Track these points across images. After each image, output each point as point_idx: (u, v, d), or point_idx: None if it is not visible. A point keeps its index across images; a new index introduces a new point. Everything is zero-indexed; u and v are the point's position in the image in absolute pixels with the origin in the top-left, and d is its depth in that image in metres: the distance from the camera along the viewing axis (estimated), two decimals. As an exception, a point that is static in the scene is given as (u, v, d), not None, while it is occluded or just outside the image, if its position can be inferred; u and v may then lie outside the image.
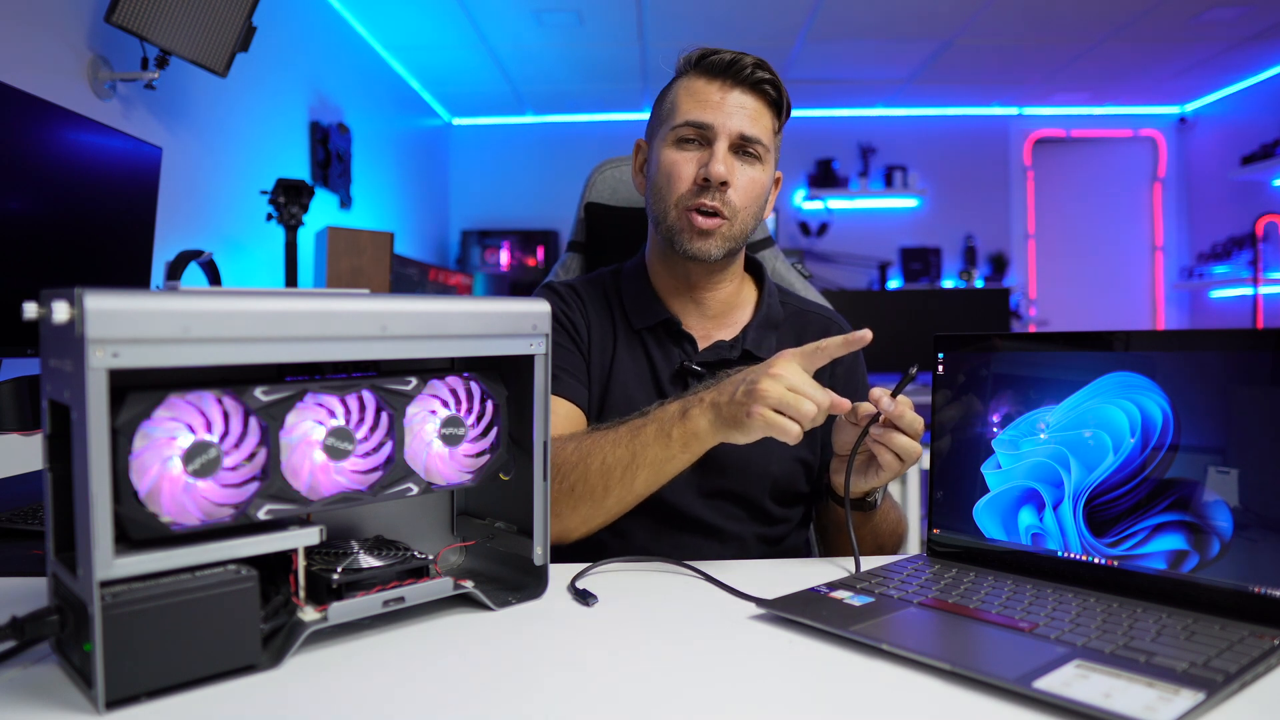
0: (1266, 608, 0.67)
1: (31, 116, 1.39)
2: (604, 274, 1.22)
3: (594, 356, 1.13)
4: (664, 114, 1.10)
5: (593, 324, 1.15)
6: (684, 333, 1.12)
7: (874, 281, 5.63)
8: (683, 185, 1.06)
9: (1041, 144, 5.79)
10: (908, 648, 0.63)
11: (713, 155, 1.03)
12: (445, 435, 0.72)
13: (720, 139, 1.04)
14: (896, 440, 0.88)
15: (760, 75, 1.05)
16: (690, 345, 1.12)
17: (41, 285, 0.57)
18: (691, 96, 1.06)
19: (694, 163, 1.05)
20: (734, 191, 1.05)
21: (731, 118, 1.04)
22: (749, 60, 1.05)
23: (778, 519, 1.11)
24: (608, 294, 1.18)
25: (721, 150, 1.04)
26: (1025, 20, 4.07)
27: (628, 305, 1.15)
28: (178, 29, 2.20)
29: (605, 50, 4.44)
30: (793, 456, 1.09)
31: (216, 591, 0.59)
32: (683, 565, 0.88)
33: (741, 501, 1.08)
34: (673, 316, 1.12)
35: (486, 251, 5.49)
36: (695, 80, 1.07)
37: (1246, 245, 4.84)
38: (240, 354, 0.58)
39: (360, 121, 4.01)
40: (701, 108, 1.05)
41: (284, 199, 2.64)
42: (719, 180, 1.03)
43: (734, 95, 1.05)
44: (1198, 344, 0.74)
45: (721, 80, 1.05)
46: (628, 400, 1.10)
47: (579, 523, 0.94)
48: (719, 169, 1.03)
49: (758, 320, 1.14)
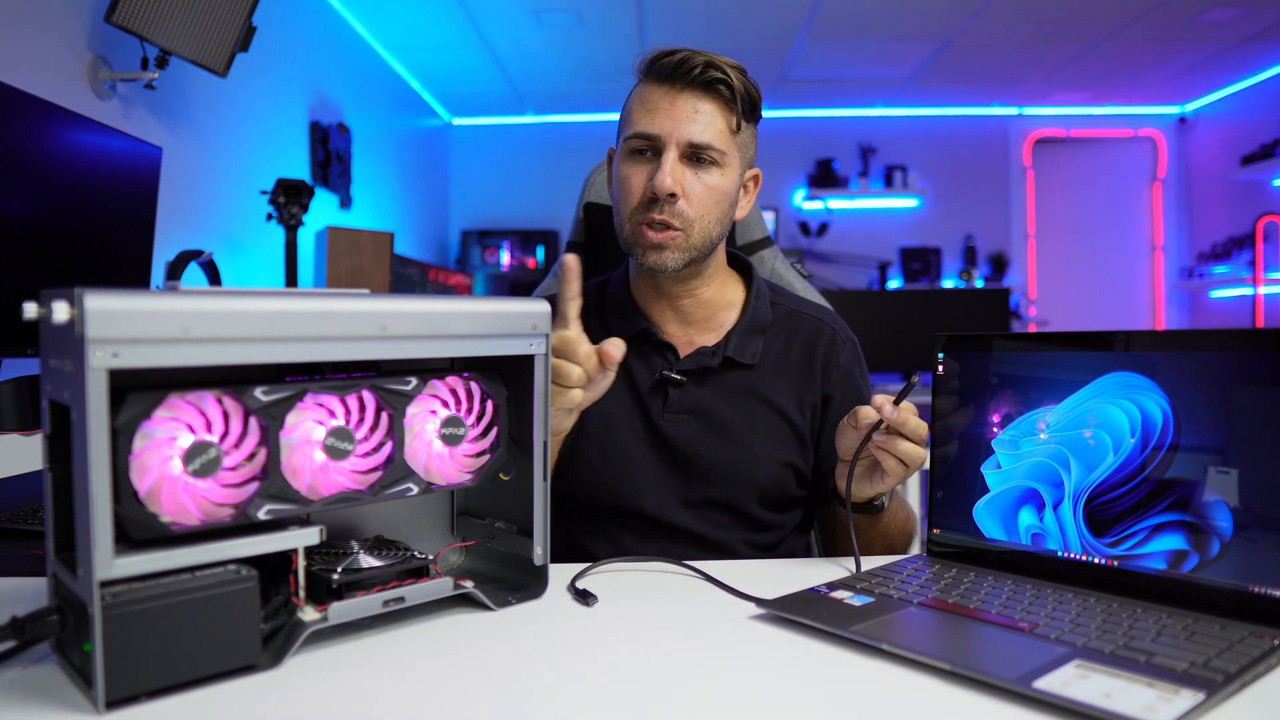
0: (1266, 608, 0.67)
1: (31, 116, 1.39)
2: (589, 287, 1.19)
3: None
4: (621, 122, 1.08)
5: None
6: (664, 341, 1.10)
7: (874, 281, 5.63)
8: (633, 199, 1.03)
9: (1041, 144, 5.79)
10: (908, 648, 0.63)
11: (659, 167, 1.00)
12: (445, 435, 0.72)
13: (669, 148, 1.00)
14: (900, 446, 0.88)
15: (711, 75, 1.00)
16: (671, 354, 1.10)
17: (41, 285, 0.57)
18: (642, 104, 1.03)
19: (643, 175, 1.02)
20: (685, 202, 1.01)
21: (680, 125, 1.00)
22: (698, 60, 1.00)
23: (768, 525, 1.10)
24: (592, 307, 1.15)
25: (669, 161, 1.00)
26: (1025, 20, 4.08)
27: (609, 318, 1.14)
28: (178, 29, 2.20)
29: (605, 50, 4.44)
30: (780, 461, 1.08)
31: (216, 591, 0.59)
32: (683, 565, 0.88)
33: (727, 509, 1.07)
34: (651, 326, 1.10)
35: (486, 251, 5.49)
36: (646, 86, 1.04)
37: (1246, 245, 4.84)
38: (240, 354, 0.58)
39: (360, 121, 4.01)
40: (650, 116, 1.02)
41: (284, 199, 2.64)
42: (665, 193, 1.00)
43: (684, 99, 1.01)
44: (1198, 344, 0.74)
45: (669, 84, 1.01)
46: (603, 416, 1.08)
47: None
48: (665, 182, 0.99)
49: (742, 325, 1.11)
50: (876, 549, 1.04)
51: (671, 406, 1.08)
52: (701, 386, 1.09)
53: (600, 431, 1.08)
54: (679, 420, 1.07)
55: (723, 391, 1.09)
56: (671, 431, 1.07)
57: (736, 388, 1.09)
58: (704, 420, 1.08)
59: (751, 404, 1.09)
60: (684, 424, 1.07)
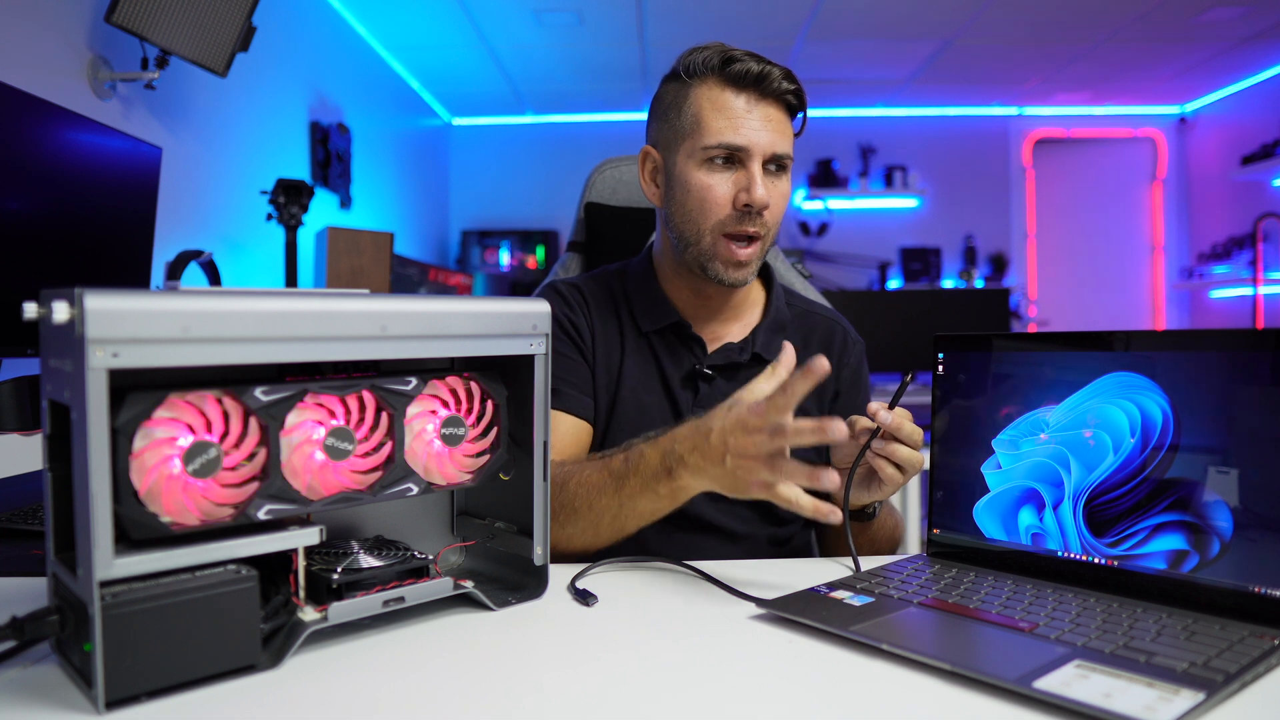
0: (1266, 608, 0.67)
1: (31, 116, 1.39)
2: (609, 273, 1.19)
3: (599, 360, 1.11)
4: (685, 126, 1.03)
5: (597, 326, 1.12)
6: (693, 335, 1.10)
7: (874, 281, 5.63)
8: (720, 211, 1.02)
9: (1041, 144, 5.79)
10: (908, 648, 0.63)
11: (752, 179, 0.99)
12: (445, 435, 0.72)
13: (755, 160, 1.00)
14: (898, 452, 0.87)
15: (786, 86, 1.01)
16: (699, 348, 1.10)
17: (41, 285, 0.57)
18: (720, 112, 1.00)
19: (729, 184, 1.01)
20: (769, 211, 1.02)
21: (764, 136, 1.00)
22: (777, 72, 1.00)
23: (787, 519, 1.11)
24: (614, 295, 1.15)
25: (758, 172, 1.00)
26: (1025, 20, 4.07)
27: (635, 307, 1.13)
28: (178, 29, 2.20)
29: (605, 50, 4.43)
30: (803, 457, 1.08)
31: (216, 591, 0.59)
32: (683, 566, 0.88)
33: (753, 504, 1.07)
34: (682, 319, 1.10)
35: (486, 251, 5.49)
36: (720, 92, 1.01)
37: (1246, 245, 4.84)
38: (240, 354, 0.58)
39: (360, 121, 4.01)
40: (734, 127, 1.00)
41: (284, 199, 2.64)
42: (762, 206, 1.00)
43: (762, 109, 1.00)
44: (1198, 344, 0.74)
45: (749, 93, 1.00)
46: (638, 405, 1.08)
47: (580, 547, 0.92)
48: (761, 194, 0.99)
49: (767, 322, 1.12)
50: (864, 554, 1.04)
51: (702, 401, 1.08)
52: (731, 382, 1.09)
53: (635, 419, 1.08)
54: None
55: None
56: None
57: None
58: None
59: None
60: None
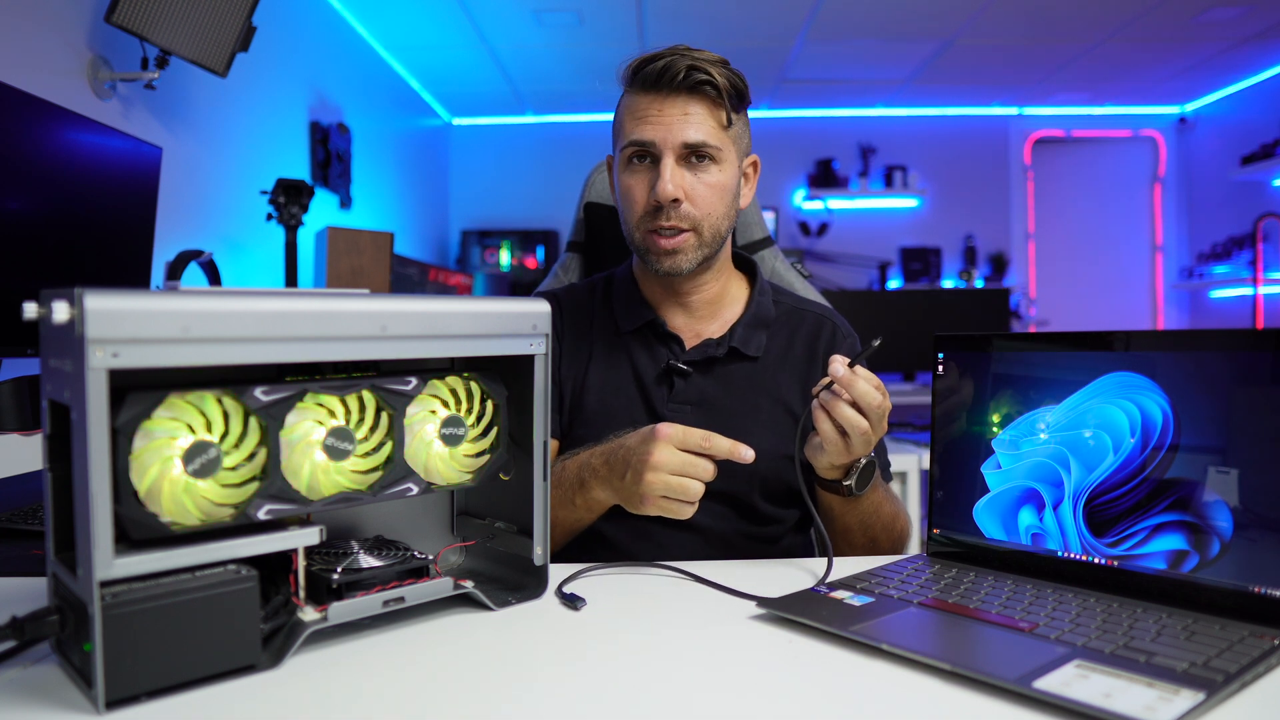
0: (1266, 608, 0.67)
1: (31, 116, 1.39)
2: (597, 280, 1.22)
3: (564, 369, 1.15)
4: (615, 134, 1.09)
5: (566, 335, 1.16)
6: (670, 333, 1.12)
7: (874, 281, 5.63)
8: (638, 208, 1.05)
9: (1041, 144, 5.79)
10: (908, 648, 0.63)
11: (660, 174, 1.01)
12: (445, 435, 0.72)
13: (665, 154, 1.02)
14: (841, 410, 0.88)
15: (695, 78, 1.01)
16: (677, 345, 1.12)
17: (41, 285, 0.57)
18: (632, 114, 1.04)
19: (644, 184, 1.04)
20: (690, 204, 1.03)
21: (672, 129, 1.01)
22: (681, 65, 1.01)
23: (768, 518, 1.10)
24: (594, 301, 1.19)
25: (668, 167, 1.01)
26: (1025, 20, 4.07)
27: (617, 310, 1.16)
28: (178, 29, 2.20)
29: (605, 50, 4.43)
30: (782, 454, 1.08)
31: (216, 591, 0.59)
32: (680, 570, 0.88)
33: (728, 500, 1.07)
34: (658, 317, 1.13)
35: (486, 251, 5.49)
36: (634, 96, 1.05)
37: (1246, 245, 4.84)
38: (240, 354, 0.58)
39: (360, 121, 4.01)
40: (641, 125, 1.03)
41: (284, 199, 2.64)
42: (668, 200, 1.01)
43: (672, 104, 1.02)
44: (1198, 344, 0.74)
45: (655, 92, 1.02)
46: (603, 408, 1.11)
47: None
48: (667, 189, 1.01)
49: (746, 318, 1.14)
50: (857, 538, 1.04)
51: (676, 396, 1.10)
52: (706, 378, 1.11)
53: (600, 423, 1.09)
54: (682, 411, 1.09)
55: (727, 383, 1.11)
56: (675, 421, 1.07)
57: (740, 380, 1.11)
58: (707, 411, 1.09)
59: (755, 397, 1.10)
60: (686, 414, 1.09)
